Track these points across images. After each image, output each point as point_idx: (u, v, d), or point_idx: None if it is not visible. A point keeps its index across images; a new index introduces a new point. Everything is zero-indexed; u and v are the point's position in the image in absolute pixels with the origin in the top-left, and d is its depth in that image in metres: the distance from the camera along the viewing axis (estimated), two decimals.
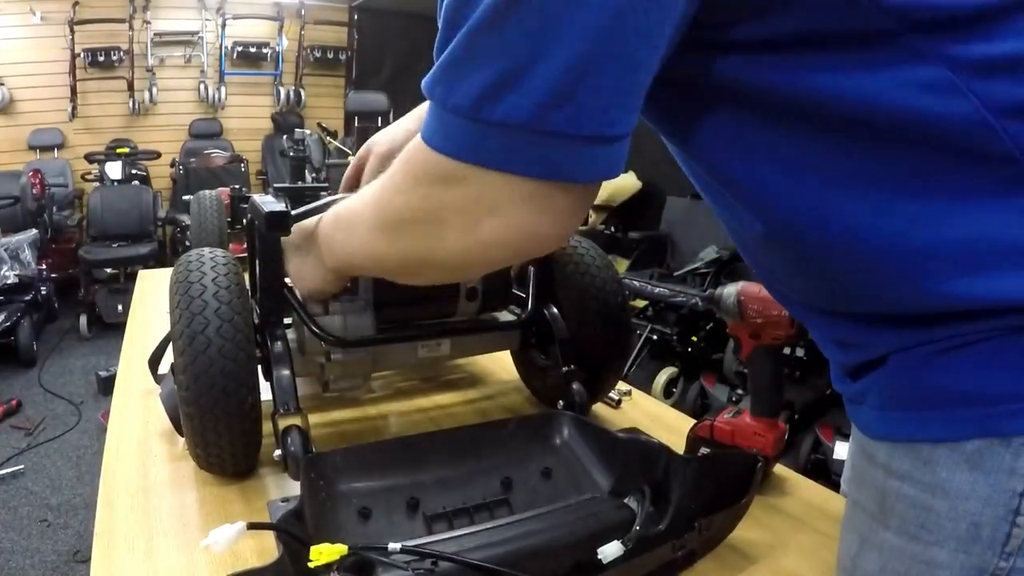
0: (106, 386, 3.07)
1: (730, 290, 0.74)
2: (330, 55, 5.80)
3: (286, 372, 0.70)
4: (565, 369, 0.82)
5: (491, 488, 0.66)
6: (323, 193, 1.54)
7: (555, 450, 0.72)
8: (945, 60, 0.35)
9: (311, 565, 0.48)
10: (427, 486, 0.65)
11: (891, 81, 0.36)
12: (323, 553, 0.48)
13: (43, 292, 3.92)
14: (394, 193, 0.48)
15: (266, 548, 0.61)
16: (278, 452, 0.65)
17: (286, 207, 0.70)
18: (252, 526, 0.50)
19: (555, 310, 0.87)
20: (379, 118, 5.26)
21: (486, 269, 0.51)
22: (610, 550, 0.54)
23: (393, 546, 0.50)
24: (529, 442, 0.72)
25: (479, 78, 0.37)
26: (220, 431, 0.65)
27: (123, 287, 4.09)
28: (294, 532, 0.52)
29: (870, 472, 0.46)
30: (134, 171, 4.66)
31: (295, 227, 0.70)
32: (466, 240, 0.44)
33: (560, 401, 0.81)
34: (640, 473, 0.64)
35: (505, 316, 0.92)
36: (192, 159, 4.98)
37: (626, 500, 0.63)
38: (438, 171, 0.42)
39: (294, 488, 0.70)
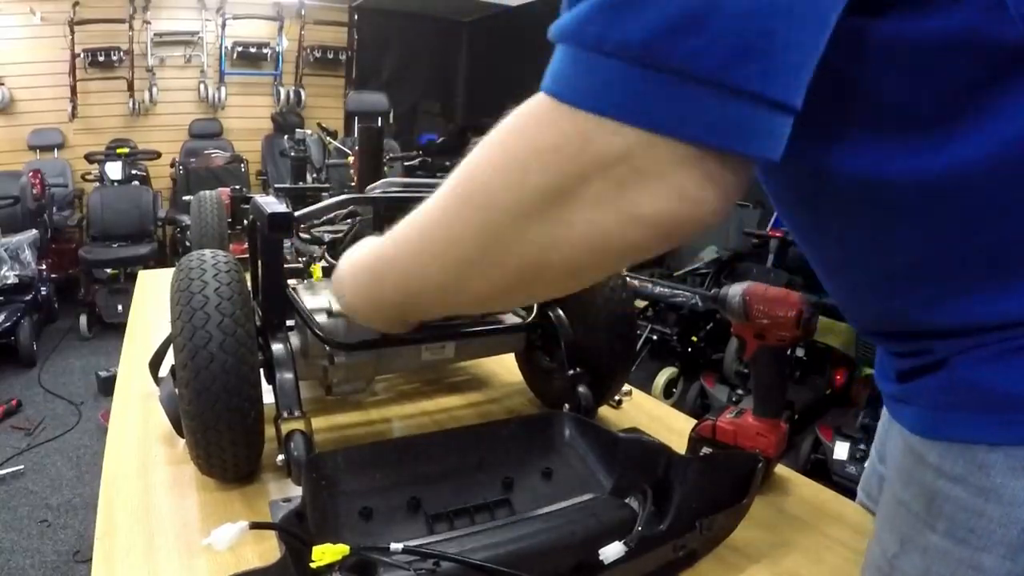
0: (106, 386, 3.07)
1: (735, 290, 0.74)
2: (330, 55, 5.80)
3: (289, 376, 0.70)
4: (571, 372, 0.82)
5: (492, 488, 0.66)
6: (324, 193, 1.54)
7: (556, 450, 0.72)
8: None
9: (313, 566, 0.47)
10: (428, 486, 0.65)
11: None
12: (325, 553, 0.48)
13: (43, 292, 3.92)
14: (494, 170, 0.37)
15: (267, 551, 0.61)
16: (281, 457, 0.65)
17: (288, 208, 0.70)
18: (255, 525, 0.49)
19: (560, 312, 0.86)
20: (379, 118, 5.26)
21: (612, 266, 0.39)
22: (611, 551, 0.54)
23: (395, 546, 0.50)
24: (530, 442, 0.72)
25: (655, 14, 0.30)
26: (223, 445, 0.65)
27: (123, 287, 4.08)
28: (296, 532, 0.52)
29: (918, 472, 0.45)
30: (134, 171, 4.65)
31: (354, 258, 0.57)
32: (604, 218, 0.34)
33: (566, 404, 0.81)
34: (641, 473, 0.64)
35: (510, 318, 0.92)
36: (192, 159, 4.98)
37: (627, 500, 0.63)
38: (571, 131, 0.33)
39: (297, 491, 0.70)
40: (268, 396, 0.68)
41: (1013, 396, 0.40)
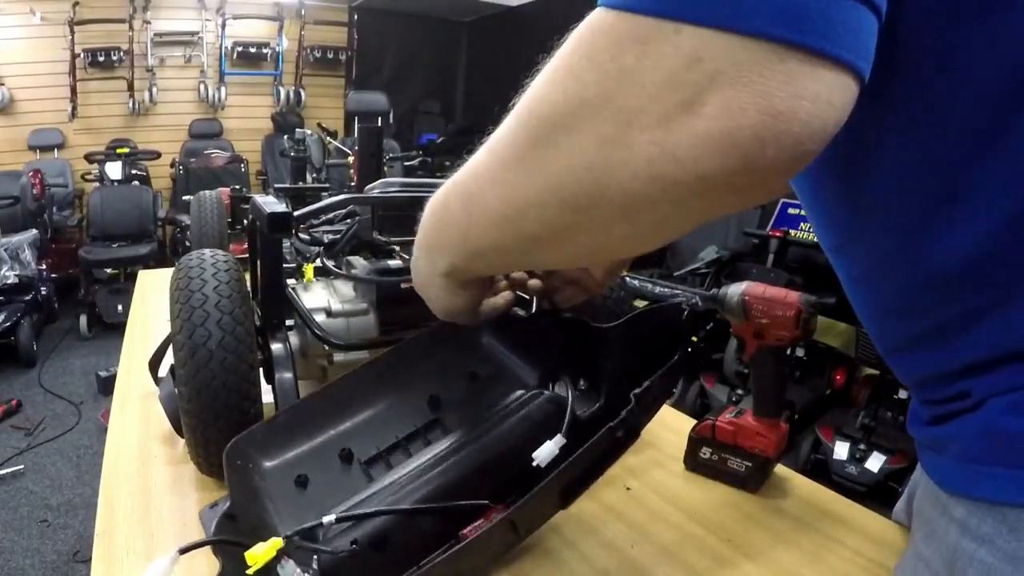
0: (106, 386, 3.07)
1: (734, 290, 0.74)
2: (330, 55, 5.80)
3: (288, 375, 0.70)
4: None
5: (420, 412, 0.64)
6: (324, 193, 1.54)
7: (477, 353, 0.68)
8: None
9: (250, 572, 0.46)
10: (356, 432, 0.62)
11: None
12: (259, 556, 0.46)
13: (43, 292, 3.92)
14: (550, 83, 0.33)
15: None
16: None
17: (288, 208, 0.70)
18: (184, 550, 0.47)
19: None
20: (379, 118, 5.26)
21: (676, 212, 0.32)
22: (544, 452, 0.51)
23: (328, 519, 0.51)
24: (449, 353, 0.67)
25: None
26: (222, 442, 0.65)
27: (123, 287, 4.08)
28: (229, 539, 0.51)
29: (942, 525, 0.41)
30: (134, 171, 4.66)
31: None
32: (669, 137, 0.29)
33: None
34: (564, 356, 0.61)
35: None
36: (192, 159, 4.98)
37: (556, 389, 0.60)
38: (631, 34, 0.29)
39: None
40: (268, 396, 0.68)
41: None
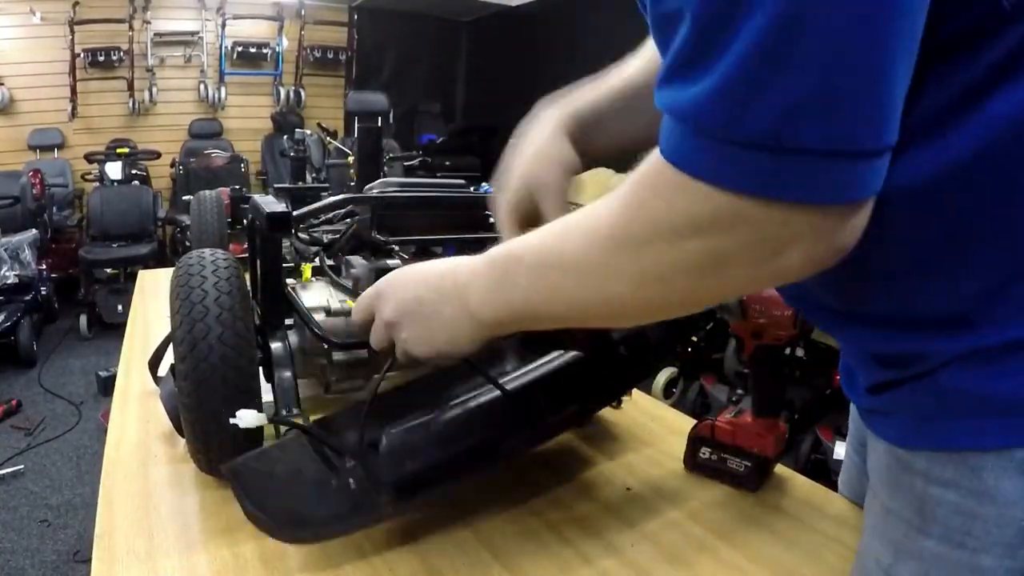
0: (106, 386, 3.07)
1: None
2: (330, 55, 5.80)
3: (288, 374, 0.70)
4: None
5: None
6: (323, 193, 1.54)
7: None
8: None
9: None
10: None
11: None
12: None
13: (43, 292, 3.92)
14: (647, 244, 0.40)
15: (267, 549, 0.61)
16: None
17: (287, 208, 0.70)
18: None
19: None
20: (379, 118, 5.26)
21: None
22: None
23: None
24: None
25: (778, 100, 0.32)
26: (222, 437, 0.65)
27: (123, 287, 4.08)
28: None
29: (906, 479, 0.45)
30: (134, 171, 4.65)
31: (410, 276, 0.56)
32: (758, 273, 0.39)
33: None
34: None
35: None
36: (192, 159, 4.97)
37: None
38: (715, 211, 0.36)
39: None
40: (267, 395, 0.68)
41: (1001, 400, 0.40)
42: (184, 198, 3.90)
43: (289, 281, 0.82)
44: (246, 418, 0.60)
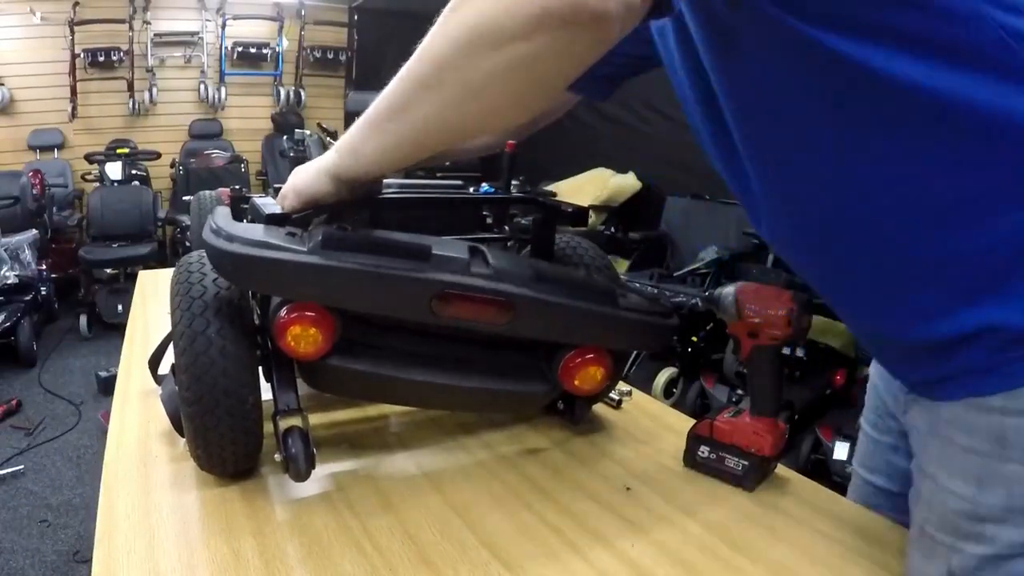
0: (106, 386, 3.07)
1: (728, 289, 0.75)
2: (330, 55, 5.80)
3: (287, 372, 0.70)
4: None
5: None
6: None
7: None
8: None
9: None
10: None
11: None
12: None
13: (43, 292, 3.91)
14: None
15: (268, 547, 0.61)
16: (279, 455, 0.66)
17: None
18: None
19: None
20: None
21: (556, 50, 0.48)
22: None
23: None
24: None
25: None
26: (221, 431, 0.65)
27: (123, 287, 4.08)
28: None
29: (983, 419, 0.52)
30: (134, 171, 4.65)
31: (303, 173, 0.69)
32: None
33: (560, 403, 0.81)
34: None
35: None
36: (192, 159, 4.97)
37: None
38: None
39: (295, 489, 0.70)
40: (267, 394, 0.69)
41: None
42: (184, 198, 3.91)
43: None
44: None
